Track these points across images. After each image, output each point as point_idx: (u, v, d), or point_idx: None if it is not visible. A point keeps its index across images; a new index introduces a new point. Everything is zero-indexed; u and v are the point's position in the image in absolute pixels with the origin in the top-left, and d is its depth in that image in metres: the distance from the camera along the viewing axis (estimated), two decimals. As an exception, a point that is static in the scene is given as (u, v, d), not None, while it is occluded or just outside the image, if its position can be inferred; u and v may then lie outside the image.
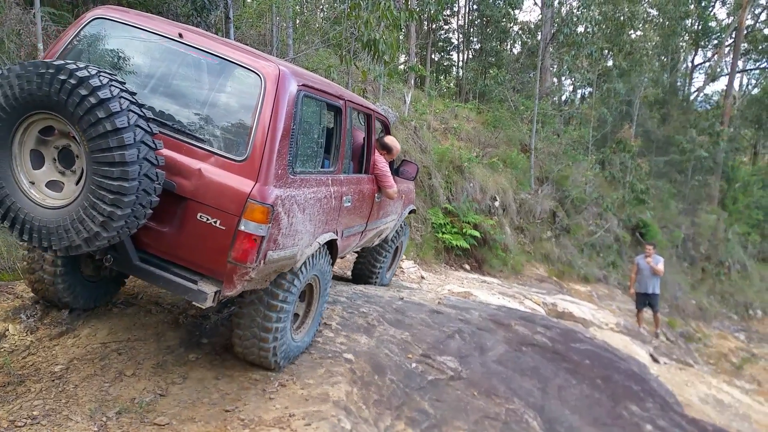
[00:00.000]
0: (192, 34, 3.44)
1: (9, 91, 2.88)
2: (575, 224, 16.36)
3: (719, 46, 30.87)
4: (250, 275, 3.18)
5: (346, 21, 8.30)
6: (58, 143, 3.04)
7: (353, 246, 5.19)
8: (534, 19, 24.92)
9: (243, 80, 3.35)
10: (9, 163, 3.00)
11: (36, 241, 3.02)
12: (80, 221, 2.91)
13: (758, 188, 26.18)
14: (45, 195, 3.05)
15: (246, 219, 3.09)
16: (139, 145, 2.85)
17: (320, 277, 4.11)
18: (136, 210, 2.95)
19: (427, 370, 4.44)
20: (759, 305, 21.69)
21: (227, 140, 3.26)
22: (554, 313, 10.13)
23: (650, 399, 5.29)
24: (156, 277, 3.28)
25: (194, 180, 3.16)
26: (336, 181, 4.13)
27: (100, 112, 2.76)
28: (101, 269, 4.21)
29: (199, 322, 4.51)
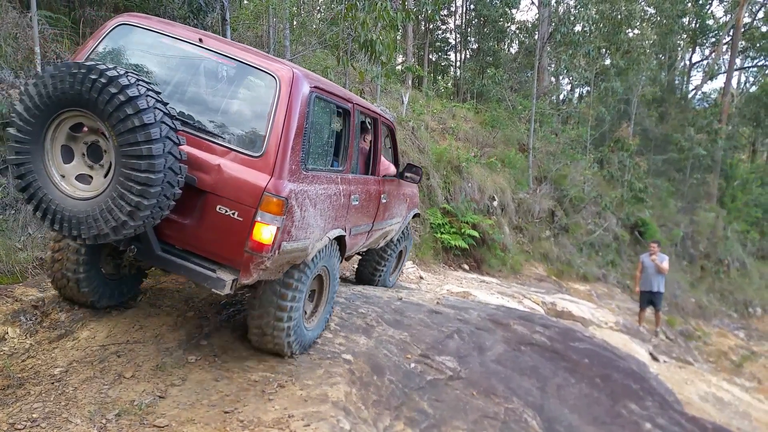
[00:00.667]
0: (211, 40, 3.69)
1: (43, 90, 3.09)
2: (574, 223, 16.37)
3: (717, 44, 30.89)
4: (265, 264, 3.36)
5: (343, 22, 8.31)
6: (87, 139, 3.24)
7: (360, 245, 5.32)
8: (531, 18, 24.92)
9: (259, 82, 3.57)
10: (42, 157, 3.20)
11: (66, 230, 3.21)
12: (109, 211, 3.11)
13: (757, 186, 26.20)
14: (75, 187, 3.24)
15: (262, 211, 3.30)
16: (165, 140, 3.07)
17: (330, 269, 4.32)
18: (161, 201, 3.15)
19: (426, 370, 4.45)
20: (758, 303, 21.69)
21: (244, 138, 3.48)
22: (553, 313, 10.13)
23: (649, 397, 5.30)
24: (177, 266, 3.50)
25: (214, 175, 3.38)
26: (345, 180, 4.34)
27: (128, 108, 2.99)
28: (121, 268, 4.37)
29: (198, 323, 4.52)
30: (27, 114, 3.16)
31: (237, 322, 4.57)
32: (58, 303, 4.50)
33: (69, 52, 6.16)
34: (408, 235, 6.83)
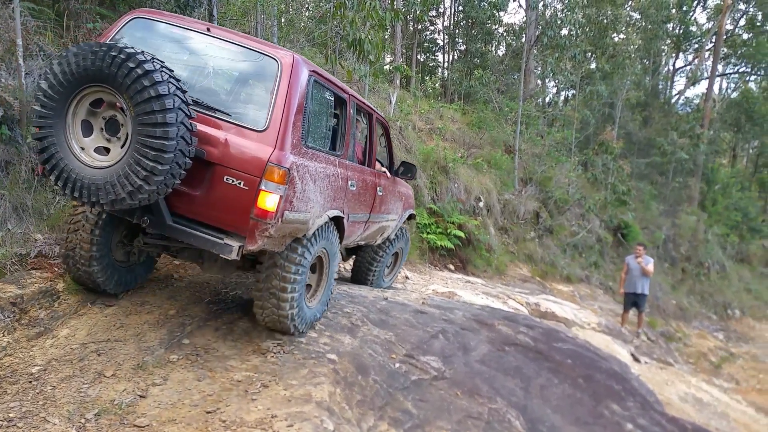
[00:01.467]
0: (217, 29, 4.07)
1: (67, 68, 3.36)
2: (558, 225, 16.46)
3: (700, 50, 31.26)
4: (269, 231, 3.62)
5: (332, 20, 8.27)
6: (106, 114, 3.53)
7: (358, 235, 5.53)
8: (519, 21, 25.02)
9: (263, 65, 3.86)
10: (64, 131, 3.47)
11: (85, 197, 3.46)
12: (126, 176, 3.36)
13: (737, 190, 26.56)
14: (93, 158, 3.51)
15: (266, 180, 3.56)
16: (177, 111, 3.34)
17: (329, 250, 4.58)
18: (173, 168, 3.41)
19: (411, 370, 4.44)
20: (737, 305, 22.00)
21: (249, 114, 3.79)
22: (537, 313, 10.17)
23: (631, 398, 5.34)
24: (187, 234, 3.72)
25: (221, 148, 3.65)
26: (342, 165, 4.62)
27: (145, 80, 3.27)
28: (131, 255, 4.68)
29: (180, 322, 4.46)
30: (51, 91, 3.42)
31: (220, 320, 4.52)
32: (38, 300, 4.42)
33: (52, 44, 6.06)
34: (405, 237, 6.97)
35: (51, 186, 5.51)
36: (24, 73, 5.34)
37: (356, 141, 5.24)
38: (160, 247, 4.54)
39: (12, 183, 5.13)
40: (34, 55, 5.78)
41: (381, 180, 5.74)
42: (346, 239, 5.06)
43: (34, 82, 5.56)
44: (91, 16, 6.37)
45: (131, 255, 4.70)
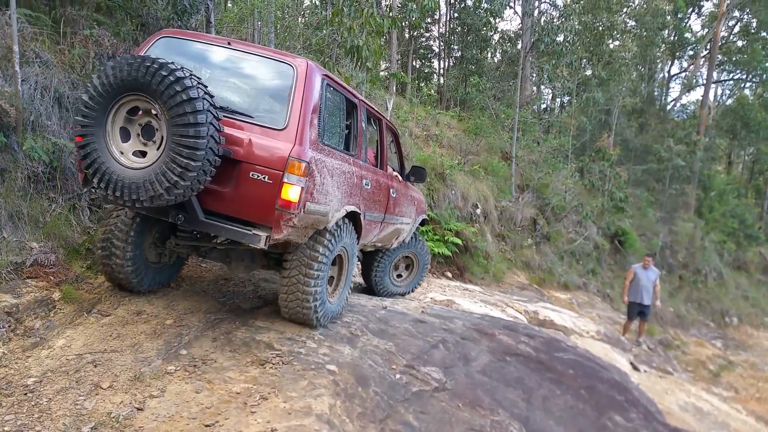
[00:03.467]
0: (236, 43, 4.46)
1: (105, 80, 3.74)
2: (555, 232, 16.42)
3: (695, 57, 31.38)
4: (293, 221, 3.96)
5: (329, 27, 8.24)
6: (141, 121, 3.88)
7: (375, 235, 5.79)
8: (515, 28, 25.06)
9: (280, 71, 4.25)
10: (104, 138, 3.82)
11: (126, 196, 3.79)
12: (162, 174, 3.70)
13: (733, 197, 26.58)
14: (132, 161, 3.86)
15: (288, 173, 3.90)
16: (207, 113, 3.70)
17: (348, 249, 4.92)
18: (205, 165, 3.74)
19: (412, 381, 4.38)
20: (734, 313, 21.96)
21: (270, 115, 4.16)
22: (536, 321, 10.12)
23: (634, 409, 5.28)
24: (219, 228, 4.05)
25: (246, 147, 3.99)
26: (356, 164, 4.95)
27: (177, 86, 3.62)
28: (162, 256, 5.04)
29: (177, 332, 4.40)
30: (92, 102, 3.80)
31: (218, 330, 4.45)
32: (33, 310, 4.36)
33: (49, 51, 6.01)
34: (420, 242, 7.18)
35: (47, 194, 5.46)
36: (20, 80, 5.28)
37: (368, 145, 5.55)
38: (190, 248, 4.99)
39: (7, 190, 5.06)
40: (30, 62, 5.73)
41: (394, 182, 6.03)
42: (363, 238, 5.37)
43: (30, 88, 5.51)
44: (87, 22, 6.32)
45: (162, 256, 5.04)
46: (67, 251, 5.16)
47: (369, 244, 6.04)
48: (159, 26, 6.99)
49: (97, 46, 6.42)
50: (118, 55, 6.20)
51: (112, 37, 6.58)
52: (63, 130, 5.77)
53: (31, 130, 5.44)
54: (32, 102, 5.49)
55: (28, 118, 5.42)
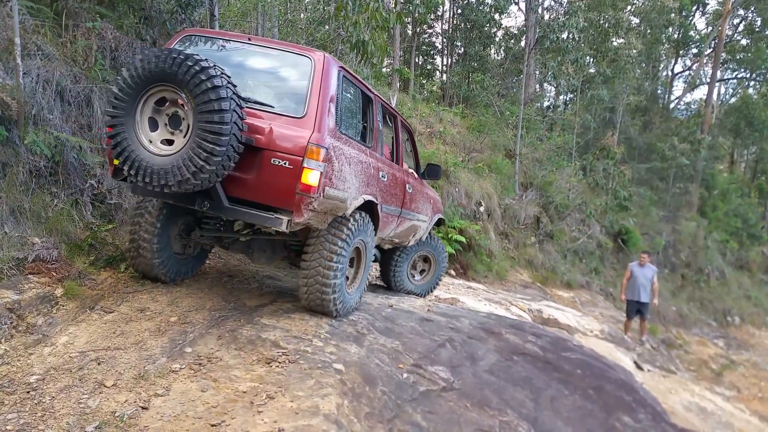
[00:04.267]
0: (256, 39, 4.71)
1: (134, 72, 3.95)
2: (558, 230, 16.35)
3: (699, 55, 31.26)
4: (313, 205, 4.13)
5: (333, 22, 8.16)
6: (169, 111, 4.07)
7: (391, 229, 5.91)
8: (519, 24, 24.94)
9: (298, 63, 4.42)
10: (133, 127, 4.02)
11: (155, 181, 3.96)
12: (189, 159, 3.88)
13: (737, 196, 26.49)
14: (160, 149, 4.04)
15: (308, 158, 4.07)
16: (231, 100, 3.88)
17: (365, 242, 5.07)
18: (229, 150, 3.92)
19: (419, 380, 4.31)
20: (737, 312, 21.91)
21: (290, 105, 4.33)
22: (539, 320, 10.06)
23: (642, 410, 5.22)
24: (243, 213, 4.23)
25: (268, 135, 4.16)
26: (373, 156, 5.11)
27: (202, 75, 3.82)
28: (187, 247, 5.27)
29: (182, 329, 4.34)
30: (122, 93, 4.00)
31: (223, 328, 4.39)
32: (35, 306, 4.30)
33: (51, 44, 5.94)
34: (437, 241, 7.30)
35: (49, 189, 5.39)
36: (22, 73, 5.21)
37: (384, 140, 5.71)
38: (214, 240, 5.24)
39: (9, 185, 5.00)
40: (32, 55, 5.66)
41: (409, 178, 6.17)
42: (380, 231, 5.52)
43: (32, 82, 5.44)
44: (90, 15, 6.24)
45: (187, 247, 5.26)
46: (69, 247, 5.10)
47: (386, 239, 6.14)
48: (162, 19, 6.93)
49: (99, 39, 6.35)
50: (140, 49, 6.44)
51: (114, 30, 6.50)
52: (65, 124, 5.70)
53: (32, 124, 5.37)
54: (34, 95, 5.42)
55: (29, 111, 5.35)
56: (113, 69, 6.49)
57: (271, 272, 6.61)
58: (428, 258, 7.32)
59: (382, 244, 6.45)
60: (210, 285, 5.37)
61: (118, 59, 6.58)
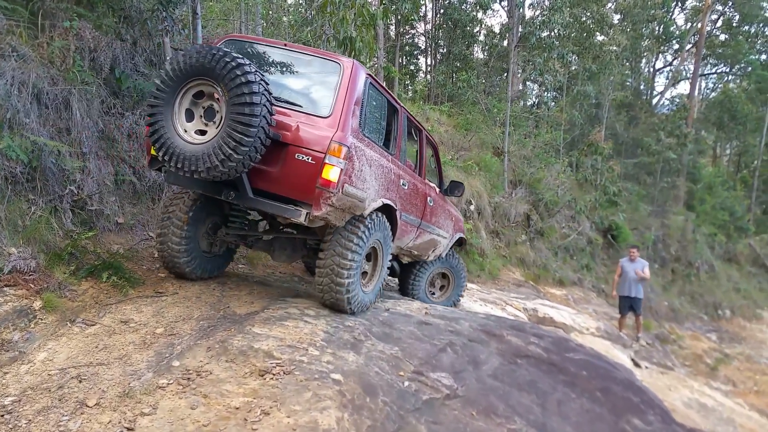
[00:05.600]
0: (291, 45, 4.97)
1: (176, 66, 4.25)
2: (549, 227, 16.22)
3: (680, 51, 31.39)
4: (332, 200, 4.32)
5: (320, 19, 7.94)
6: (205, 104, 4.34)
7: (410, 239, 6.08)
8: (503, 21, 24.81)
9: (328, 67, 4.69)
10: (171, 117, 4.30)
11: (186, 167, 4.21)
12: (219, 147, 4.12)
13: (724, 189, 26.58)
14: (193, 137, 4.30)
15: (330, 155, 4.28)
16: (262, 96, 4.12)
17: (382, 242, 5.23)
18: (256, 142, 4.14)
19: (421, 388, 4.10)
20: (727, 305, 21.93)
21: (317, 105, 4.56)
22: (535, 319, 9.90)
23: (651, 411, 5.05)
24: (265, 204, 4.46)
25: (294, 131, 4.40)
26: (395, 163, 5.32)
27: (238, 71, 4.07)
28: (213, 245, 5.49)
29: (168, 342, 4.09)
30: (163, 84, 4.29)
31: (212, 339, 4.14)
32: (11, 320, 4.03)
33: (26, 44, 5.66)
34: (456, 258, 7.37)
35: (26, 195, 5.12)
36: (-5, 75, 4.94)
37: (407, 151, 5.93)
38: (239, 238, 5.50)
39: (-18, 193, 4.72)
40: (6, 56, 5.38)
41: (431, 192, 6.38)
42: (398, 240, 5.73)
43: (6, 84, 5.17)
44: (67, 14, 5.96)
45: (213, 245, 5.49)
46: (48, 257, 4.83)
47: (405, 250, 6.29)
48: (143, 19, 6.66)
49: (77, 39, 6.08)
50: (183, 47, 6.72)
51: (93, 30, 6.23)
52: (42, 127, 5.43)
53: (8, 128, 5.09)
54: (9, 98, 5.14)
55: (4, 115, 5.08)
56: (92, 70, 6.23)
57: (261, 277, 6.37)
58: (447, 275, 7.37)
59: (401, 256, 6.62)
60: (198, 293, 5.11)
61: (97, 60, 6.32)
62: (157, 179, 6.45)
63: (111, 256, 5.31)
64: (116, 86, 6.58)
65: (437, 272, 7.25)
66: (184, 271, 5.20)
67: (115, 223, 5.89)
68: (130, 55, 6.96)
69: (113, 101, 6.43)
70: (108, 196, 5.89)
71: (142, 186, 6.35)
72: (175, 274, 5.29)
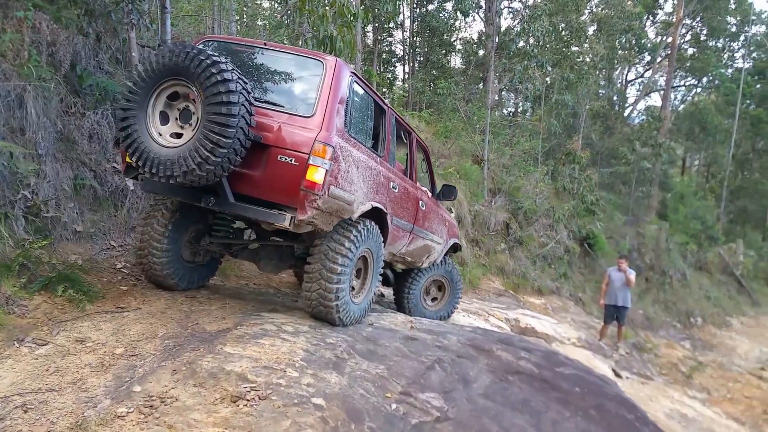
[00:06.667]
0: (272, 44, 4.80)
1: (149, 66, 4.07)
2: (528, 236, 16.05)
3: (652, 62, 31.84)
4: (317, 203, 4.12)
5: (298, 17, 7.59)
6: (180, 106, 4.16)
7: (403, 245, 5.89)
8: (480, 29, 24.77)
9: (311, 65, 4.50)
10: (145, 121, 4.10)
11: (162, 172, 3.99)
12: (195, 150, 3.92)
13: (696, 199, 26.86)
14: (169, 141, 4.10)
15: (314, 155, 4.09)
16: (239, 94, 3.93)
17: (373, 250, 5.01)
18: (235, 143, 3.94)
19: (410, 411, 3.76)
20: (699, 313, 22.04)
21: (299, 104, 4.38)
22: (517, 329, 9.66)
23: (646, 429, 4.80)
24: (248, 209, 4.23)
25: (276, 132, 4.21)
26: (383, 165, 5.12)
27: (213, 69, 3.90)
28: (196, 255, 5.29)
29: (129, 364, 3.68)
30: (136, 86, 4.10)
31: (178, 360, 3.73)
32: (-51, 341, 3.57)
33: (-25, 37, 5.20)
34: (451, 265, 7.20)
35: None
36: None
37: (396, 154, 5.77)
38: (223, 247, 5.30)
39: None
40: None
41: (423, 196, 6.18)
42: (390, 245, 5.52)
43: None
44: (22, 4, 5.51)
45: (197, 255, 5.29)
46: (-4, 268, 4.37)
47: (398, 256, 6.09)
48: (107, 12, 6.23)
49: (34, 32, 5.63)
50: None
51: (52, 23, 5.79)
52: (-8, 128, 4.97)
53: (-47, 128, 4.63)
54: (-46, 95, 4.68)
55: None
56: (50, 66, 5.78)
57: (234, 290, 5.97)
58: (442, 283, 7.19)
59: (394, 263, 6.42)
60: (163, 307, 4.70)
61: (56, 56, 5.88)
62: (120, 184, 6.01)
63: (68, 268, 4.87)
64: (77, 84, 6.14)
65: (432, 280, 7.07)
66: (166, 282, 5.01)
67: (74, 231, 5.44)
68: (93, 51, 6.53)
69: (73, 100, 5.98)
70: (66, 201, 5.44)
71: (104, 191, 5.90)
72: (157, 285, 5.07)
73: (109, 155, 6.12)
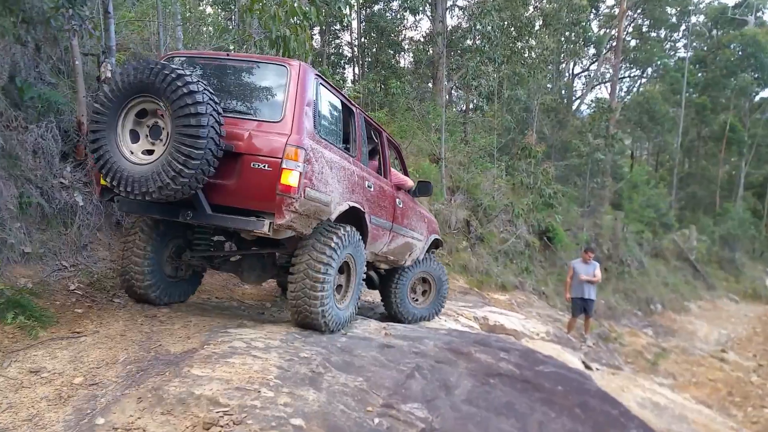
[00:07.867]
0: (235, 54, 5.00)
1: (115, 85, 4.11)
2: (488, 232, 16.10)
3: (598, 55, 32.53)
4: (294, 206, 4.17)
5: (248, 16, 7.33)
6: (149, 122, 4.20)
7: (383, 244, 5.90)
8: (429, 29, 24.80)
9: (275, 71, 4.59)
10: (115, 140, 4.12)
11: (137, 190, 4.02)
12: (168, 164, 3.94)
13: (649, 188, 27.53)
14: (141, 158, 4.13)
15: (286, 159, 4.14)
16: (207, 105, 3.96)
17: (355, 255, 5.05)
18: (207, 154, 3.97)
19: (394, 425, 3.58)
20: (658, 300, 22.61)
21: (267, 111, 4.46)
22: (487, 327, 9.59)
23: (631, 424, 4.74)
24: (225, 219, 4.29)
25: (247, 140, 4.27)
26: (356, 164, 5.17)
27: (179, 82, 3.92)
28: (179, 270, 5.31)
29: (90, 394, 3.39)
30: (103, 107, 4.12)
31: (143, 387, 3.47)
32: None
33: None
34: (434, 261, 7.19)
35: None
36: None
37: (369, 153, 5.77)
38: (205, 260, 5.31)
39: None
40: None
41: (399, 194, 6.18)
42: (371, 245, 5.51)
43: None
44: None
45: (179, 270, 5.31)
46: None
47: (380, 255, 6.09)
48: (46, 18, 5.86)
49: (-35, 42, 5.24)
50: None
51: (-15, 32, 5.40)
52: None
53: None
54: None
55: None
56: (-15, 78, 5.40)
57: (197, 305, 5.68)
58: (427, 280, 7.17)
59: (377, 263, 6.41)
60: (122, 330, 4.40)
61: (-9, 66, 5.49)
62: (69, 200, 5.66)
63: (17, 293, 4.54)
64: (17, 97, 5.77)
65: (417, 277, 7.04)
66: (149, 299, 5.02)
67: (21, 252, 5.07)
68: (32, 61, 6.18)
69: (14, 113, 5.62)
70: (11, 221, 5.08)
71: (52, 209, 5.54)
72: (141, 302, 5.07)
73: (56, 170, 5.76)
